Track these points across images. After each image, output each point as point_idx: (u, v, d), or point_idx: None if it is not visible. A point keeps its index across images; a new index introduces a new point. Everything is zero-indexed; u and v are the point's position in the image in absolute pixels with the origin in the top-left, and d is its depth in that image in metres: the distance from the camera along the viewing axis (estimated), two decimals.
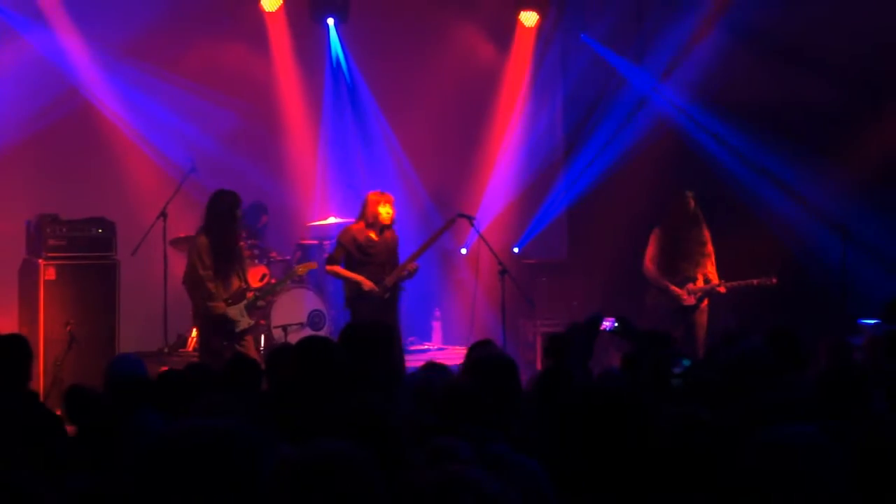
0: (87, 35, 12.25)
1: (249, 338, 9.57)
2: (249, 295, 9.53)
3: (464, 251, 13.30)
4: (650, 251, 10.82)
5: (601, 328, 7.41)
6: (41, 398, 9.55)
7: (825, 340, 7.34)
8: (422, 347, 13.02)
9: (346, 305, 10.00)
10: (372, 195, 10.05)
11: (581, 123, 13.69)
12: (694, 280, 10.67)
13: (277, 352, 5.96)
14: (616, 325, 7.55)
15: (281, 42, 13.22)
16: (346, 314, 10.33)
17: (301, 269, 10.55)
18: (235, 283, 9.44)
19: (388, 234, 9.99)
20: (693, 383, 5.31)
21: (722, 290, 10.64)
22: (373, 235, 9.92)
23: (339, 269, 9.95)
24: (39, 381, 9.83)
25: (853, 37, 12.19)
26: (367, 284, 9.78)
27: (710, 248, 10.78)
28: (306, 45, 13.43)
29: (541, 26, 13.74)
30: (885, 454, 3.38)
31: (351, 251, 9.89)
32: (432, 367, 5.90)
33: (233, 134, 13.08)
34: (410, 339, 12.67)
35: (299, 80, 13.41)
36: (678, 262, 10.70)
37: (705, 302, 10.76)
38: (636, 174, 12.90)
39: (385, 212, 9.90)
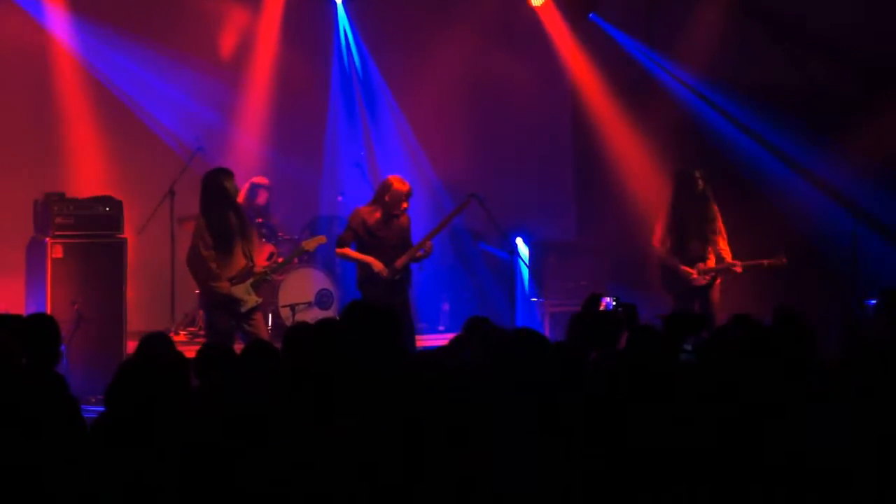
0: (95, 13, 12.22)
1: (259, 315, 9.45)
2: (258, 271, 9.42)
3: (481, 244, 13.24)
4: (658, 231, 10.66)
5: (601, 308, 7.39)
6: None
7: (839, 321, 7.31)
8: (434, 328, 12.98)
9: (357, 286, 9.92)
10: (396, 182, 9.87)
11: (590, 103, 13.63)
12: (705, 259, 10.51)
13: (296, 331, 5.92)
14: (614, 304, 7.52)
15: (290, 19, 13.16)
16: (353, 294, 10.27)
17: (309, 245, 10.42)
18: (241, 262, 9.37)
19: (399, 218, 9.86)
20: (704, 360, 5.30)
21: (738, 269, 10.43)
22: (383, 218, 9.79)
23: (348, 250, 9.86)
24: None
25: (866, 17, 12.12)
26: (377, 266, 9.68)
27: (720, 225, 10.57)
28: (315, 24, 13.38)
29: (549, 6, 13.66)
30: None
31: (360, 234, 9.78)
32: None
33: (240, 112, 13.06)
34: (421, 325, 12.57)
35: (308, 58, 13.37)
36: (687, 241, 10.51)
37: (719, 280, 10.61)
38: (645, 154, 12.87)
39: (404, 205, 9.77)
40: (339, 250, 9.93)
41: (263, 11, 13.13)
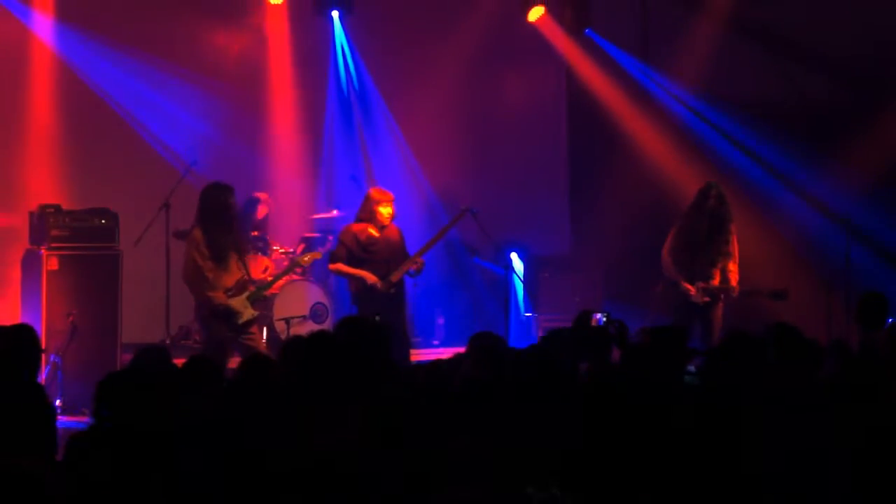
0: (91, 26, 12.24)
1: (256, 328, 9.56)
2: (251, 288, 9.50)
3: (476, 259, 13.26)
4: (668, 242, 10.47)
5: (592, 323, 7.43)
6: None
7: (831, 338, 7.33)
8: (428, 342, 12.98)
9: (352, 301, 9.98)
10: (373, 193, 9.97)
11: (586, 118, 13.67)
12: (709, 278, 10.32)
13: (292, 345, 5.92)
14: (604, 321, 7.55)
15: (286, 34, 13.18)
16: (348, 307, 10.31)
17: (304, 260, 10.47)
18: (237, 275, 9.41)
19: (388, 230, 9.93)
20: (708, 380, 5.32)
21: (734, 293, 10.19)
22: (373, 233, 9.87)
23: (342, 266, 9.91)
24: (41, 372, 9.82)
25: (858, 34, 12.18)
26: (371, 279, 9.74)
27: (732, 247, 10.28)
28: (311, 37, 13.40)
29: (546, 21, 13.68)
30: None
31: (352, 249, 9.85)
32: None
33: (236, 125, 13.06)
34: (415, 339, 12.56)
35: (304, 73, 13.38)
36: (694, 257, 10.22)
37: (721, 302, 10.42)
38: (641, 169, 12.91)
39: (385, 212, 9.84)
40: (332, 266, 10.00)
41: (260, 26, 13.14)
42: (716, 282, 10.20)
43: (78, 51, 12.30)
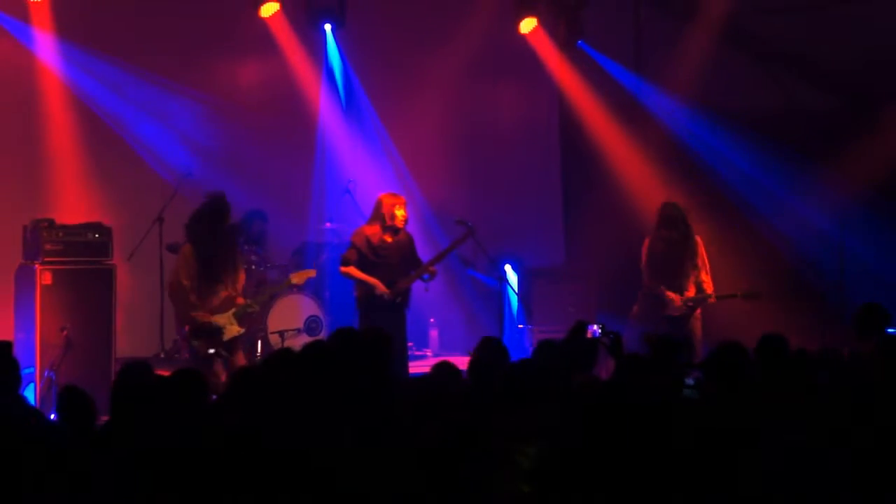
0: (86, 42, 12.25)
1: (238, 344, 9.56)
2: (240, 301, 9.50)
3: (470, 271, 13.28)
4: (643, 262, 10.71)
5: (587, 335, 7.47)
6: (37, 401, 9.59)
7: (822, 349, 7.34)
8: (420, 353, 12.99)
9: (357, 305, 10.02)
10: (386, 197, 10.04)
11: (580, 130, 13.68)
12: (684, 291, 10.55)
13: (279, 356, 5.92)
14: (600, 332, 7.59)
15: (279, 48, 13.18)
16: (342, 320, 10.33)
17: (298, 279, 10.46)
18: (224, 291, 9.42)
19: (401, 236, 10.02)
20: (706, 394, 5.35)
21: (712, 300, 10.55)
22: (387, 237, 9.95)
23: (353, 270, 9.97)
24: (35, 386, 9.82)
25: (851, 46, 12.22)
26: (381, 288, 9.81)
27: (701, 257, 10.63)
28: (304, 51, 13.41)
29: (538, 34, 13.70)
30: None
31: (364, 252, 9.94)
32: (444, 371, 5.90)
33: (230, 139, 13.07)
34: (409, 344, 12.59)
35: (297, 86, 13.39)
36: (668, 272, 10.55)
37: (698, 311, 10.65)
38: (635, 180, 12.92)
39: (400, 214, 9.94)
40: (343, 269, 10.07)
41: (252, 39, 13.14)
42: (691, 294, 10.42)
43: (73, 66, 12.31)
